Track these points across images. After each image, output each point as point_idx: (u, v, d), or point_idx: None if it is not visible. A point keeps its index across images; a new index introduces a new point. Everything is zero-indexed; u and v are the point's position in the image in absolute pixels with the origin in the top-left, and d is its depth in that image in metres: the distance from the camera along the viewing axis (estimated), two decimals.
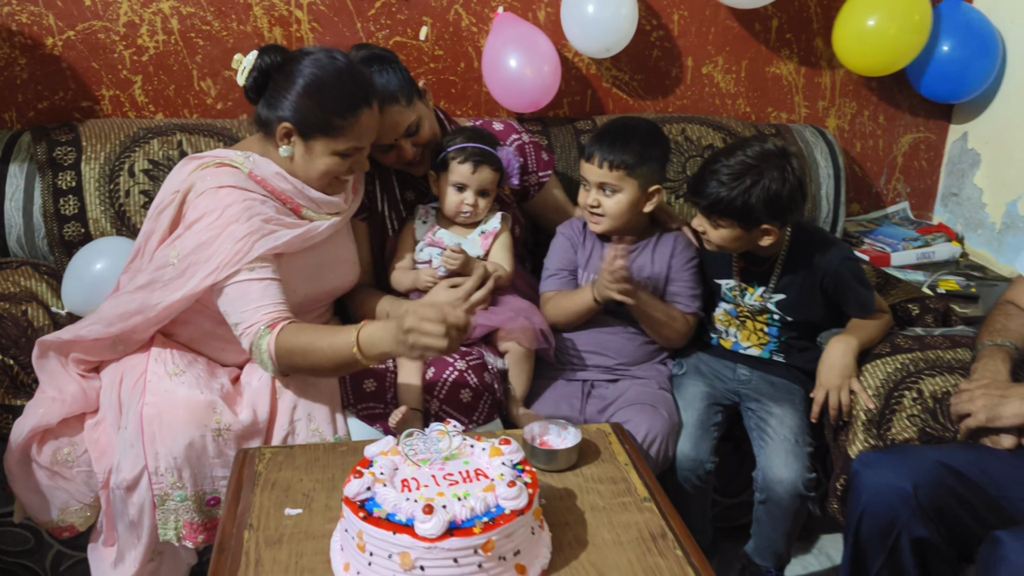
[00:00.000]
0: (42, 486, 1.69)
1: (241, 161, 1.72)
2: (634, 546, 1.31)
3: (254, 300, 1.63)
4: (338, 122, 1.68)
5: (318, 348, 1.58)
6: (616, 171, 1.83)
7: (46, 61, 2.27)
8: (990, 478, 1.41)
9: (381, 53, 1.90)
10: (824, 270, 1.85)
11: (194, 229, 1.65)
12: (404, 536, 1.15)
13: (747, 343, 1.97)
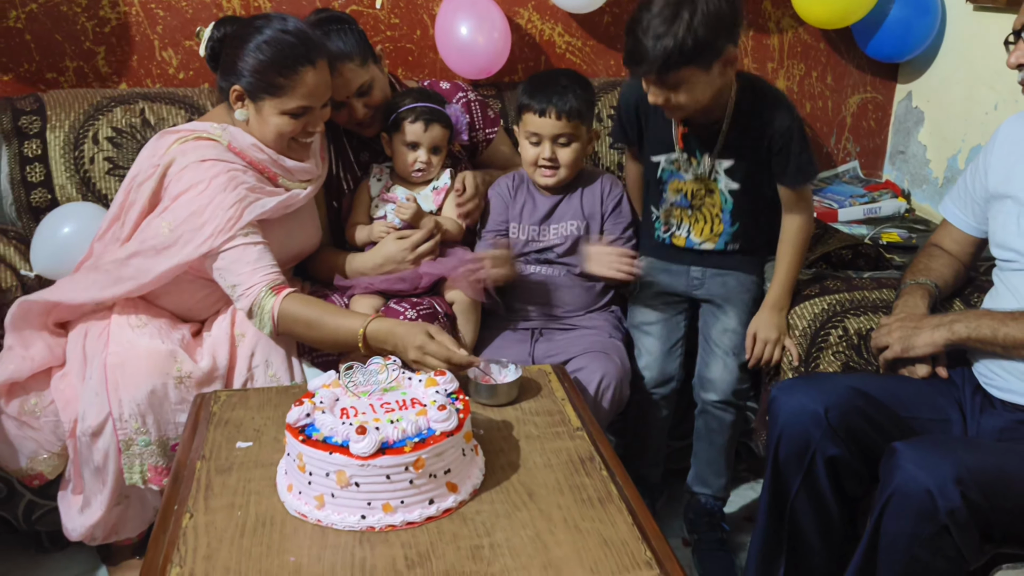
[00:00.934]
0: (11, 436, 1.77)
1: (219, 134, 1.79)
2: (563, 468, 1.40)
3: (251, 263, 1.72)
4: (281, 81, 1.74)
5: (324, 325, 1.70)
6: (573, 120, 1.89)
7: (10, 34, 2.32)
8: (899, 400, 1.51)
9: (338, 15, 1.98)
10: (774, 130, 1.80)
11: (182, 200, 1.72)
12: (339, 455, 1.23)
13: (700, 237, 1.95)
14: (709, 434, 1.98)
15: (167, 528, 1.26)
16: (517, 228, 2.03)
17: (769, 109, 1.80)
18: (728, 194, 1.90)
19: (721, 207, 1.91)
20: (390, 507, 1.25)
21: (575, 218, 2.00)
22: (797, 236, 1.90)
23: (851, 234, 2.37)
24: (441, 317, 1.88)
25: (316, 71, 1.77)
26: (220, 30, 1.82)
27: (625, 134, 2.00)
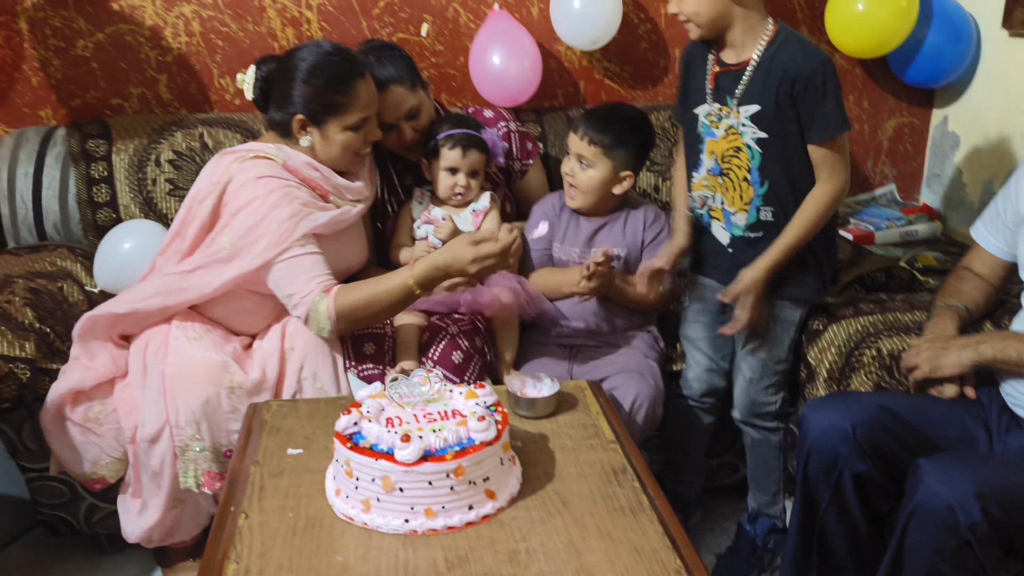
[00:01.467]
0: (75, 441, 1.87)
1: (275, 153, 1.89)
2: (596, 479, 1.46)
3: (306, 272, 1.81)
4: (340, 99, 1.85)
5: (377, 296, 1.78)
6: (593, 147, 1.97)
7: (78, 63, 2.47)
8: (926, 419, 1.54)
9: (386, 43, 2.10)
10: (797, 72, 1.74)
11: (241, 216, 1.82)
12: (384, 462, 1.31)
13: (733, 208, 1.91)
14: (748, 449, 2.05)
15: (224, 527, 1.34)
16: (560, 248, 2.10)
17: (797, 52, 1.76)
18: (756, 146, 1.82)
19: (748, 165, 1.85)
20: (432, 512, 1.32)
21: (616, 244, 2.06)
22: (814, 202, 1.81)
23: (885, 256, 2.40)
24: (481, 333, 1.95)
25: (366, 82, 1.89)
26: (263, 69, 1.94)
27: (679, 102, 1.99)
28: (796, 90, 1.75)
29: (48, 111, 2.50)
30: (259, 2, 2.48)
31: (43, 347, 1.92)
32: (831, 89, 1.75)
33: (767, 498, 2.07)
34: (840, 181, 1.81)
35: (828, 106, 1.75)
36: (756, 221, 1.89)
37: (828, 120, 1.76)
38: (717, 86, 1.85)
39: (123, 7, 2.44)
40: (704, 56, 1.87)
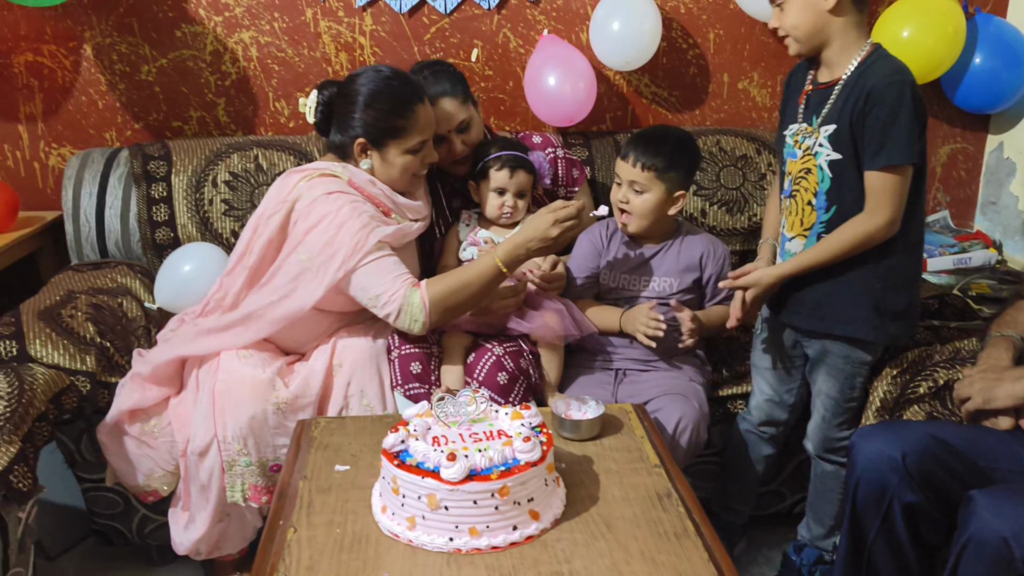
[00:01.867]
0: (130, 454, 1.93)
1: (340, 171, 1.95)
2: (641, 502, 1.46)
3: (390, 271, 1.86)
4: (401, 123, 1.91)
5: (468, 281, 1.86)
6: (647, 172, 1.98)
7: (141, 87, 2.57)
8: (978, 450, 1.51)
9: (438, 61, 2.19)
10: (872, 87, 1.66)
11: (315, 232, 1.87)
12: (431, 480, 1.32)
13: (792, 233, 1.85)
14: (814, 478, 2.01)
15: (273, 540, 1.37)
16: (608, 275, 2.10)
17: (881, 68, 1.68)
18: (827, 169, 1.75)
19: (816, 188, 1.77)
20: (476, 531, 1.33)
21: (669, 275, 2.06)
22: (850, 231, 1.72)
23: (937, 284, 2.36)
24: (527, 354, 1.97)
25: (424, 106, 1.95)
26: (324, 94, 1.99)
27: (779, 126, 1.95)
28: (867, 107, 1.66)
29: (112, 133, 2.60)
30: (315, 28, 2.55)
31: (103, 361, 1.98)
32: (904, 114, 1.64)
33: (822, 530, 2.01)
34: (886, 218, 1.69)
35: (895, 131, 1.64)
36: None
37: (891, 146, 1.64)
38: (807, 105, 1.81)
39: (186, 34, 2.53)
40: (804, 76, 1.86)
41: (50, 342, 1.95)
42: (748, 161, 2.54)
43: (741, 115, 2.76)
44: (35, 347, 1.93)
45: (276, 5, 2.52)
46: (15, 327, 1.97)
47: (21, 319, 1.99)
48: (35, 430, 1.72)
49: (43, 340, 1.94)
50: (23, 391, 1.72)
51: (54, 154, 2.60)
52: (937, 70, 2.57)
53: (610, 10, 2.46)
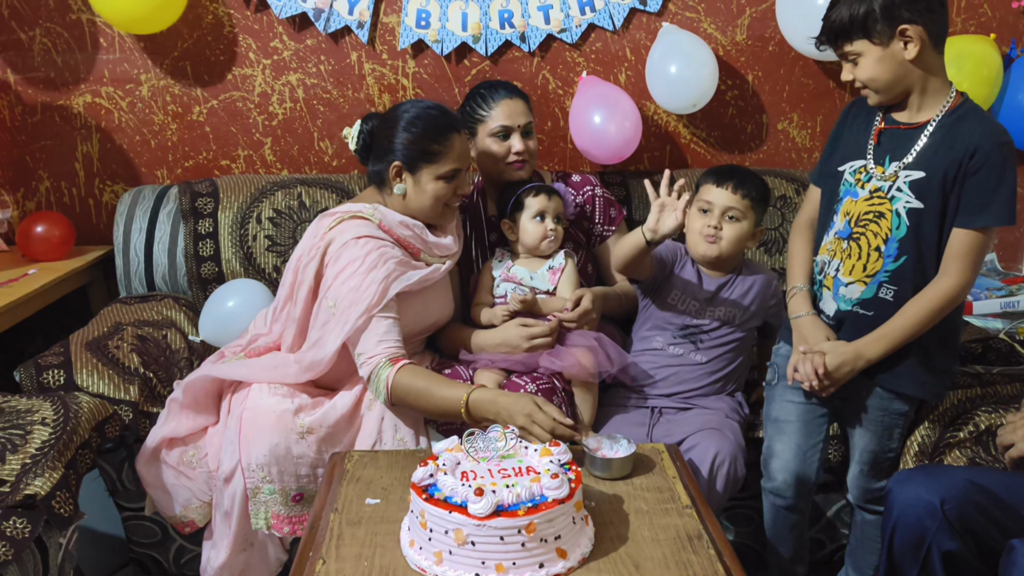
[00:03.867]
0: (168, 484, 1.96)
1: (371, 213, 1.99)
2: (671, 544, 1.44)
3: (379, 335, 1.88)
4: (436, 148, 1.95)
5: (431, 394, 1.82)
6: (746, 200, 1.99)
7: (192, 127, 2.66)
8: (1020, 497, 1.46)
9: None
10: (979, 145, 1.61)
11: (342, 278, 1.90)
12: (458, 515, 1.33)
13: (849, 277, 1.77)
14: (855, 526, 1.95)
15: (302, 571, 1.38)
16: (679, 298, 2.08)
17: (983, 123, 1.64)
18: (905, 216, 1.69)
19: (888, 234, 1.71)
20: (503, 567, 1.33)
21: (736, 307, 2.07)
22: (934, 296, 1.66)
23: (982, 327, 2.31)
24: (560, 392, 1.96)
25: (461, 137, 1.99)
26: (367, 124, 2.06)
27: (824, 159, 1.91)
28: (972, 165, 1.62)
29: (164, 171, 2.69)
30: (359, 71, 2.62)
31: (146, 391, 2.03)
32: (1010, 177, 1.61)
33: None
34: (968, 279, 1.66)
35: (1001, 193, 1.61)
36: (873, 297, 1.74)
37: (995, 207, 1.61)
38: (880, 143, 1.74)
39: (236, 76, 2.62)
40: (870, 112, 1.78)
41: (96, 372, 2.00)
42: (787, 202, 2.53)
43: (780, 156, 2.76)
44: (82, 376, 1.99)
45: (323, 49, 2.60)
46: (64, 357, 2.03)
47: (70, 349, 2.06)
48: (78, 457, 1.76)
49: (89, 370, 2.00)
50: (68, 419, 1.77)
51: (108, 191, 2.70)
52: None
53: (665, 53, 2.51)
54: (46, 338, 2.63)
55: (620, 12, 2.59)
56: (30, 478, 1.63)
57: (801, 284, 1.90)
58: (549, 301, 2.08)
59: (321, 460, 1.88)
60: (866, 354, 1.73)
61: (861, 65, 1.67)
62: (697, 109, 2.57)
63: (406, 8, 2.55)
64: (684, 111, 2.58)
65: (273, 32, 2.59)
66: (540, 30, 2.59)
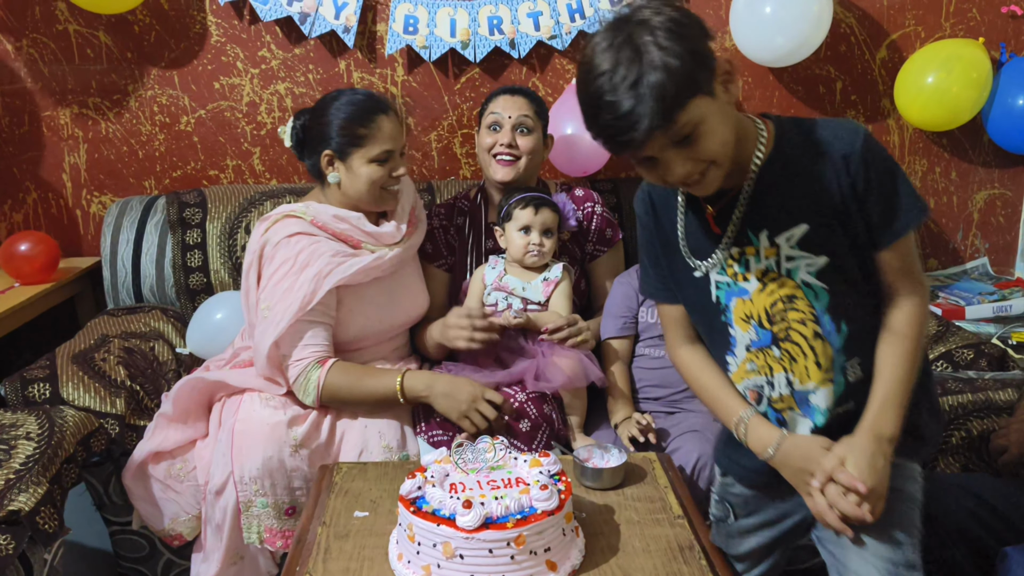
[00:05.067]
0: (156, 497, 1.94)
1: (303, 211, 2.00)
2: (662, 555, 1.43)
3: (308, 338, 1.92)
4: (363, 131, 1.96)
5: (364, 386, 1.90)
6: None
7: (181, 136, 2.64)
8: (1013, 504, 1.45)
9: None
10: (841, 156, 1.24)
11: (275, 279, 1.92)
12: (446, 527, 1.31)
13: (808, 383, 1.32)
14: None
15: None
16: (647, 312, 2.08)
17: (821, 132, 1.27)
18: (817, 281, 1.28)
19: (813, 312, 1.30)
20: None
21: None
22: (912, 324, 1.29)
23: (974, 332, 2.30)
24: (550, 400, 1.95)
25: (389, 119, 1.99)
26: (299, 120, 2.07)
27: (652, 277, 1.49)
28: (854, 177, 1.25)
29: (151, 181, 2.67)
30: (348, 79, 2.61)
31: (132, 404, 2.01)
32: (891, 162, 1.27)
33: None
34: (925, 283, 1.33)
35: (901, 188, 1.26)
36: (845, 388, 1.32)
37: (905, 207, 1.26)
38: (722, 225, 1.32)
39: (224, 86, 2.60)
40: (673, 198, 1.38)
41: (82, 385, 1.98)
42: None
43: None
44: (67, 390, 1.97)
45: (311, 58, 2.59)
46: (50, 370, 2.01)
47: (56, 362, 2.04)
48: (63, 472, 1.74)
49: (75, 383, 1.98)
50: (53, 433, 1.75)
51: (95, 202, 2.68)
52: (963, 116, 2.55)
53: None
54: (33, 351, 2.61)
55: None
56: (14, 494, 1.60)
57: (745, 410, 1.39)
58: (540, 316, 2.04)
59: (314, 473, 1.86)
60: (884, 432, 1.27)
61: (705, 135, 1.17)
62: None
63: (393, 14, 2.54)
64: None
65: (261, 41, 2.58)
66: (530, 37, 2.58)
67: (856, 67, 2.68)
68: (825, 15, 2.42)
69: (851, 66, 2.67)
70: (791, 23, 2.38)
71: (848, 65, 2.67)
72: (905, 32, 2.66)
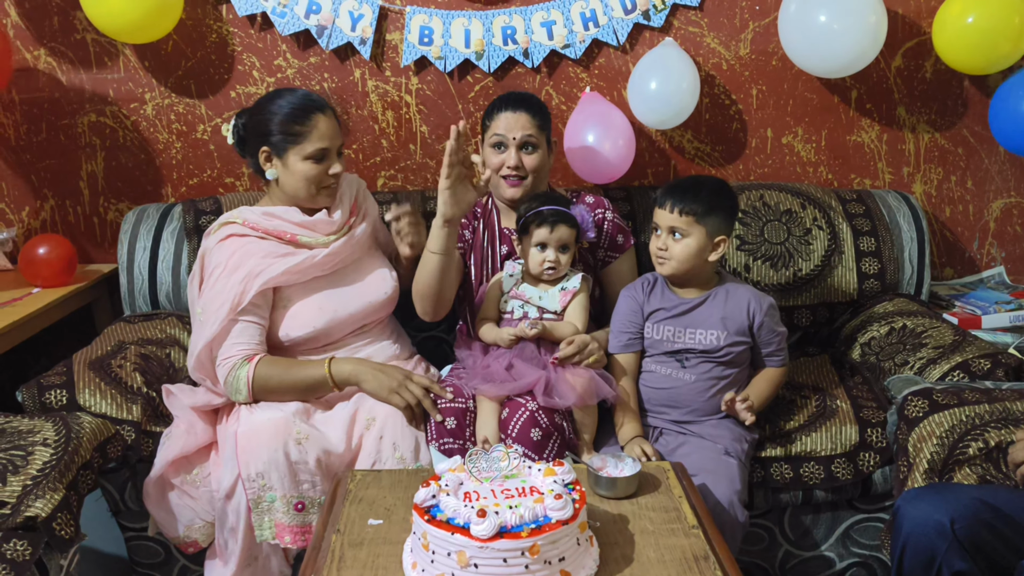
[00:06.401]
0: (172, 504, 1.95)
1: (235, 216, 2.08)
2: (677, 565, 1.42)
3: (235, 337, 1.97)
4: (299, 128, 2.00)
5: (293, 376, 1.97)
6: (686, 216, 1.95)
7: (197, 145, 2.66)
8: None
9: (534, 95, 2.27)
10: None
11: (208, 283, 2.00)
12: (460, 536, 1.31)
13: None
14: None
15: None
16: (652, 328, 2.06)
17: None
18: None
19: None
20: None
21: (715, 327, 2.00)
22: None
23: (991, 342, 2.29)
24: (561, 411, 1.94)
25: (326, 117, 2.03)
26: (240, 118, 2.12)
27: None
28: None
29: (168, 189, 2.69)
30: (363, 88, 2.62)
31: (148, 411, 2.02)
32: None
33: None
34: None
35: None
36: None
37: None
38: None
39: (240, 94, 2.62)
40: None
41: (99, 391, 2.00)
42: (792, 215, 2.52)
43: (786, 169, 2.75)
44: (84, 396, 1.98)
45: (326, 66, 2.61)
46: (66, 376, 2.03)
47: (73, 368, 2.05)
48: (80, 478, 1.75)
49: (92, 389, 2.00)
50: (69, 439, 1.76)
51: (112, 209, 2.71)
52: (1001, 62, 2.49)
53: (648, 69, 2.49)
54: (51, 357, 2.63)
55: (624, 28, 2.59)
56: (31, 500, 1.62)
57: None
58: (556, 326, 2.03)
59: (320, 468, 1.87)
60: None
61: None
62: (666, 128, 2.57)
63: (409, 25, 2.55)
64: (655, 127, 2.58)
65: (277, 50, 2.59)
66: (543, 46, 2.59)
67: (871, 75, 2.67)
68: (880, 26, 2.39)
69: (866, 74, 2.66)
70: (816, 30, 2.37)
71: (863, 73, 2.65)
72: (921, 40, 2.65)
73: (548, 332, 2.01)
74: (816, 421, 2.07)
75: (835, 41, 2.38)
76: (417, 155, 2.69)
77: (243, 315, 1.98)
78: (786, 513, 2.12)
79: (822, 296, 2.49)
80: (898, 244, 2.54)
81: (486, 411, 1.94)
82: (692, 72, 2.48)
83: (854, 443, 2.02)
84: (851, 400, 2.14)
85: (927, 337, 2.20)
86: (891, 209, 2.58)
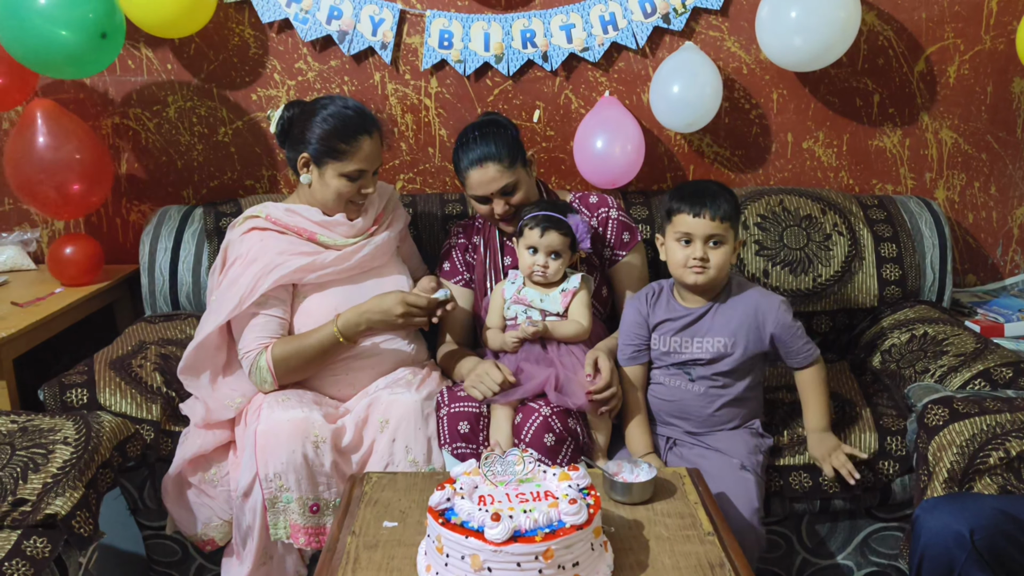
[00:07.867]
0: (190, 503, 1.97)
1: (259, 210, 2.10)
2: (692, 571, 1.42)
3: (255, 330, 2.00)
4: (343, 147, 2.01)
5: (308, 346, 1.99)
6: (724, 223, 1.92)
7: (218, 147, 2.68)
8: None
9: (499, 120, 2.16)
10: None
11: (227, 273, 2.03)
12: (474, 540, 1.31)
13: None
14: None
15: None
16: (659, 340, 2.03)
17: None
18: None
19: None
20: None
21: (722, 334, 1.97)
22: None
23: (1014, 350, 2.25)
24: (575, 414, 1.94)
25: (372, 140, 2.04)
26: (289, 111, 2.12)
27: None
28: None
29: (189, 191, 2.72)
30: (382, 91, 2.63)
31: (168, 410, 2.04)
32: None
33: None
34: None
35: None
36: None
37: None
38: None
39: (260, 97, 2.64)
40: None
41: (119, 391, 2.02)
42: (812, 221, 2.50)
43: (806, 174, 2.73)
44: (104, 395, 2.00)
45: (346, 70, 2.62)
46: (87, 375, 2.05)
47: (94, 368, 2.08)
48: (99, 476, 1.77)
49: (112, 389, 2.02)
50: (90, 438, 1.78)
51: (135, 210, 2.74)
52: None
53: (671, 72, 2.48)
54: (73, 356, 2.66)
55: (643, 31, 2.58)
56: (51, 497, 1.64)
57: None
58: (559, 324, 2.03)
59: (337, 470, 1.88)
60: None
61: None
62: (693, 130, 2.55)
63: (428, 29, 2.56)
64: (682, 130, 2.56)
65: (298, 53, 2.61)
66: (562, 49, 2.59)
67: (894, 80, 2.65)
68: (852, 21, 2.37)
69: (888, 79, 2.64)
70: (813, 27, 2.34)
71: (885, 78, 2.64)
72: (944, 45, 2.63)
73: (552, 331, 2.02)
74: (835, 429, 2.05)
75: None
76: (436, 158, 2.70)
77: (264, 309, 2.00)
78: (803, 521, 2.10)
79: (842, 302, 2.47)
80: (920, 250, 2.51)
81: (499, 416, 1.94)
82: (715, 76, 2.48)
83: (874, 451, 2.00)
84: (871, 408, 2.12)
85: (948, 345, 2.18)
86: (913, 215, 2.56)
